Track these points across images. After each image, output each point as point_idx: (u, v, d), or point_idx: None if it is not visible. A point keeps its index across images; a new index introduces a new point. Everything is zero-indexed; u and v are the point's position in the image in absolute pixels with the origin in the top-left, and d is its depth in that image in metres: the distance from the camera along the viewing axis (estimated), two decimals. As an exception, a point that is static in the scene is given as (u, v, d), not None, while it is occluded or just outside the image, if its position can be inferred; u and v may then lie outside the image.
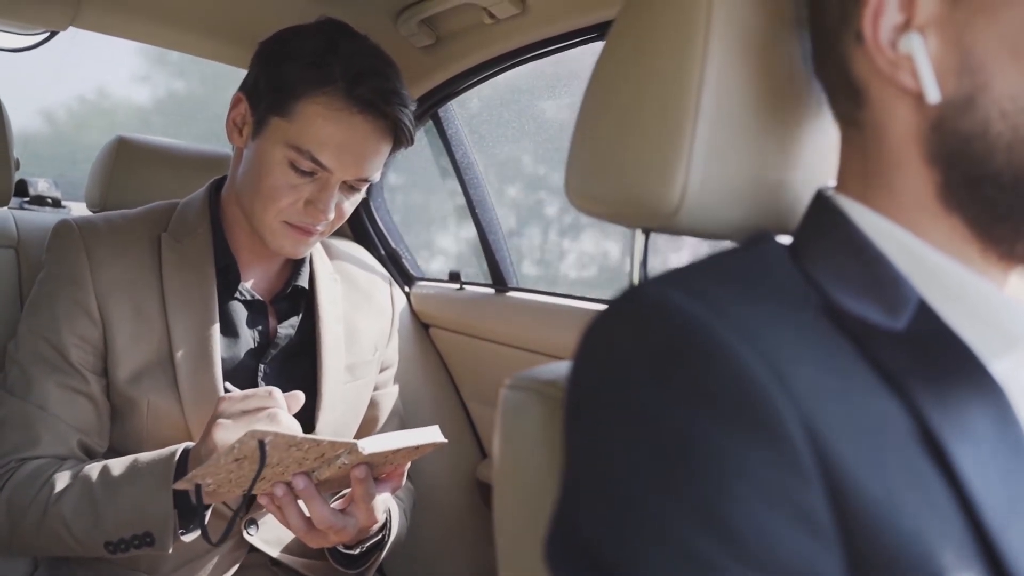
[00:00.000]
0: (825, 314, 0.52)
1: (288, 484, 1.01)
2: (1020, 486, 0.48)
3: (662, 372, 0.48)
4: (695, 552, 0.44)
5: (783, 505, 0.44)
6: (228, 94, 1.22)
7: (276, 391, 1.06)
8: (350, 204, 1.21)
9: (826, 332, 0.51)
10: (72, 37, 1.55)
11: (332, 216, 1.17)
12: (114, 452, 1.17)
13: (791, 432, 0.45)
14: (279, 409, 1.04)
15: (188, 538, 1.06)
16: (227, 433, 1.01)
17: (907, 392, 0.49)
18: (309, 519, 1.03)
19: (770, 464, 0.45)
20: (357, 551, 1.18)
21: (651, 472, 0.46)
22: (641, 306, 0.51)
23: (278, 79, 1.13)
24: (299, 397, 1.09)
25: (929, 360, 0.51)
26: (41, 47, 1.57)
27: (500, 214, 1.67)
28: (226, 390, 1.15)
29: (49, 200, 1.68)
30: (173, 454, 1.06)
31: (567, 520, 0.49)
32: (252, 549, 1.19)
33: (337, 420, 1.26)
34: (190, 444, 1.09)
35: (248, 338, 1.22)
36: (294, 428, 1.03)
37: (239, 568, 1.19)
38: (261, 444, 0.91)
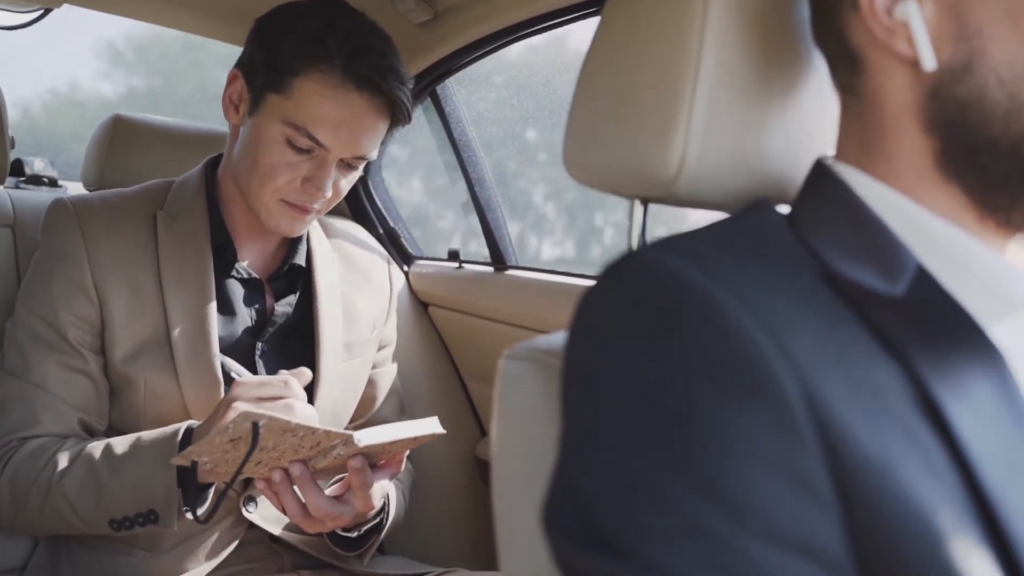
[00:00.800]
0: (824, 281, 0.52)
1: (285, 470, 1.00)
2: (1019, 451, 0.48)
3: (660, 338, 0.47)
4: (695, 519, 0.44)
5: (782, 470, 0.44)
6: (179, 87, 1.22)
7: (292, 380, 1.06)
8: (347, 182, 1.20)
9: (825, 298, 0.51)
10: (44, 32, 1.55)
11: (329, 194, 1.17)
12: (112, 430, 1.17)
13: (790, 398, 0.45)
14: (295, 400, 1.04)
15: (191, 515, 1.06)
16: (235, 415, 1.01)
17: (906, 358, 0.49)
18: (305, 505, 1.03)
19: (769, 429, 0.45)
20: (355, 534, 1.19)
21: (649, 439, 0.46)
22: (638, 272, 0.50)
23: (275, 56, 1.13)
24: (306, 373, 1.09)
25: (928, 326, 0.51)
26: (25, 31, 1.56)
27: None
28: (226, 369, 1.15)
29: (45, 179, 1.67)
30: (176, 432, 1.06)
31: (565, 488, 0.49)
32: (252, 526, 1.20)
33: (335, 399, 1.26)
34: (193, 423, 1.09)
35: (245, 316, 1.22)
36: (311, 419, 1.02)
37: (238, 545, 1.19)
38: (255, 426, 0.90)
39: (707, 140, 0.59)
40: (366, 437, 0.97)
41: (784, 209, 0.60)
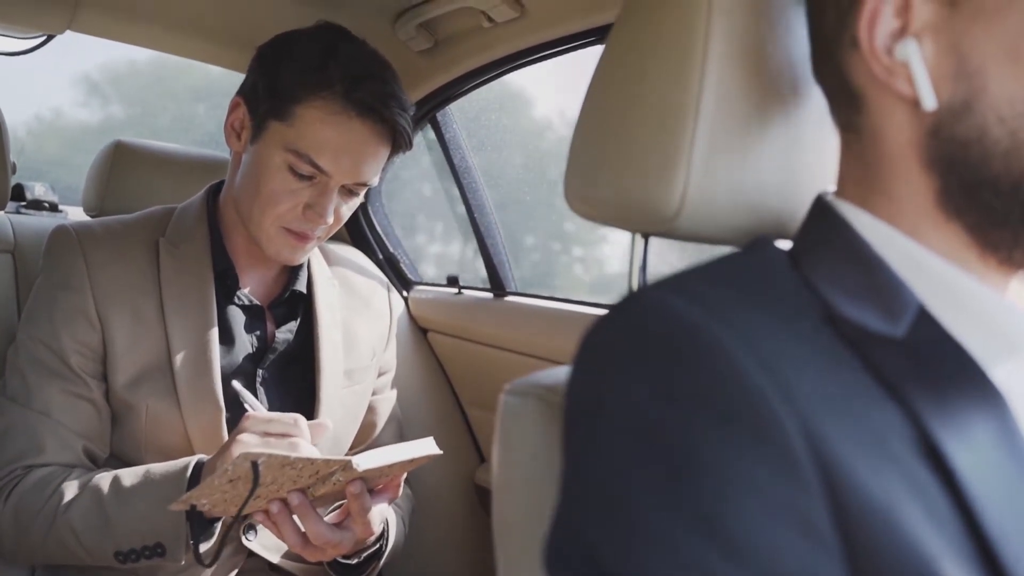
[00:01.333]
0: (825, 321, 0.52)
1: (283, 501, 1.00)
2: (1021, 492, 0.48)
3: (661, 379, 0.47)
4: (696, 560, 0.43)
5: (784, 513, 0.44)
6: (152, 116, 1.24)
7: (301, 419, 1.05)
8: (348, 208, 1.21)
9: (826, 339, 0.51)
10: (28, 61, 1.57)
11: (331, 221, 1.17)
12: (113, 457, 1.17)
13: (791, 439, 0.45)
14: (302, 440, 1.04)
15: (200, 548, 1.05)
16: (245, 450, 1.00)
17: (907, 399, 0.49)
18: (305, 534, 1.03)
19: (771, 472, 0.44)
20: (355, 561, 1.18)
21: (651, 480, 0.46)
22: (640, 311, 0.51)
23: (277, 83, 1.14)
24: (327, 426, 1.08)
25: (929, 367, 0.51)
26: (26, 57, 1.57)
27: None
28: (237, 393, 1.14)
29: (46, 204, 1.67)
30: (186, 467, 1.06)
31: (566, 527, 0.49)
32: (251, 554, 1.19)
33: (336, 425, 1.25)
34: (203, 457, 1.08)
35: (246, 343, 1.22)
36: (311, 454, 1.02)
37: (238, 574, 1.18)
38: (254, 465, 0.90)
39: (708, 175, 0.60)
40: (364, 461, 0.96)
41: (785, 245, 0.60)
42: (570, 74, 1.46)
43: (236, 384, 1.13)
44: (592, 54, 1.32)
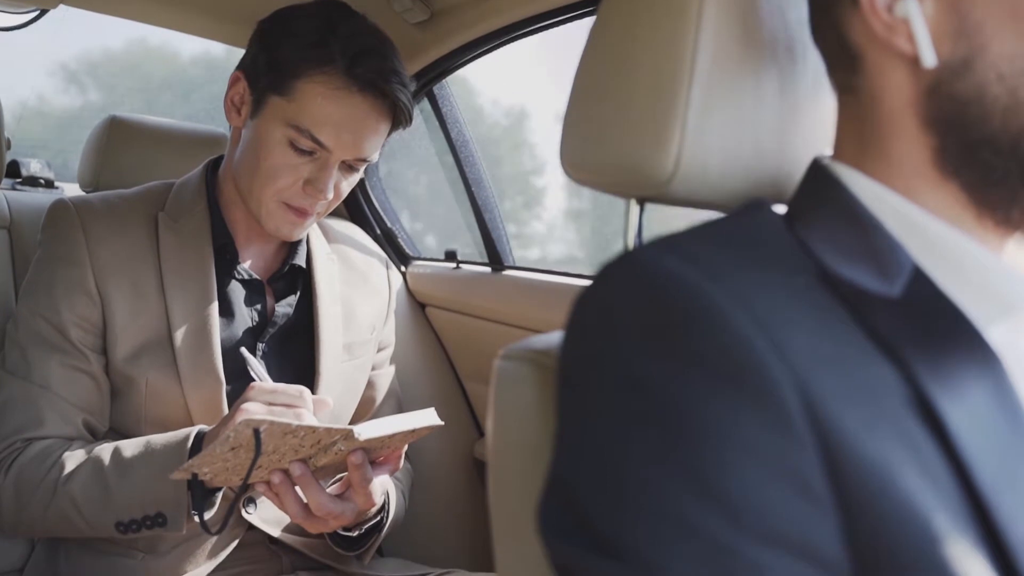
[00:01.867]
0: (820, 281, 0.52)
1: (285, 471, 1.00)
2: (1015, 451, 0.48)
3: (655, 338, 0.47)
4: (690, 519, 0.44)
5: (779, 471, 0.44)
6: (124, 102, 1.23)
7: (306, 391, 1.05)
8: (347, 184, 1.20)
9: (821, 298, 0.51)
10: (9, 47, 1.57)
11: (331, 196, 1.17)
12: (113, 431, 1.17)
13: (786, 397, 0.45)
14: (306, 411, 1.04)
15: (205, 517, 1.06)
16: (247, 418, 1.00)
17: (901, 358, 0.49)
18: (307, 505, 1.03)
19: (765, 430, 0.45)
20: (356, 533, 1.18)
21: (645, 439, 0.46)
22: (634, 271, 0.50)
23: (277, 58, 1.13)
24: (327, 403, 1.08)
25: (924, 326, 0.51)
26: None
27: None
28: (227, 371, 1.14)
29: (42, 181, 1.67)
30: (187, 437, 1.06)
31: (560, 489, 0.49)
32: (251, 527, 1.20)
33: (335, 399, 1.25)
34: (204, 427, 1.09)
35: (246, 317, 1.22)
36: (315, 425, 1.02)
37: (237, 546, 1.19)
38: (256, 432, 0.90)
39: (702, 140, 0.59)
40: (366, 431, 0.97)
41: (781, 209, 0.60)
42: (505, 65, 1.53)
43: (244, 351, 1.13)
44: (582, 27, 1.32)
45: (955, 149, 0.53)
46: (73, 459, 1.08)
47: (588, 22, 0.67)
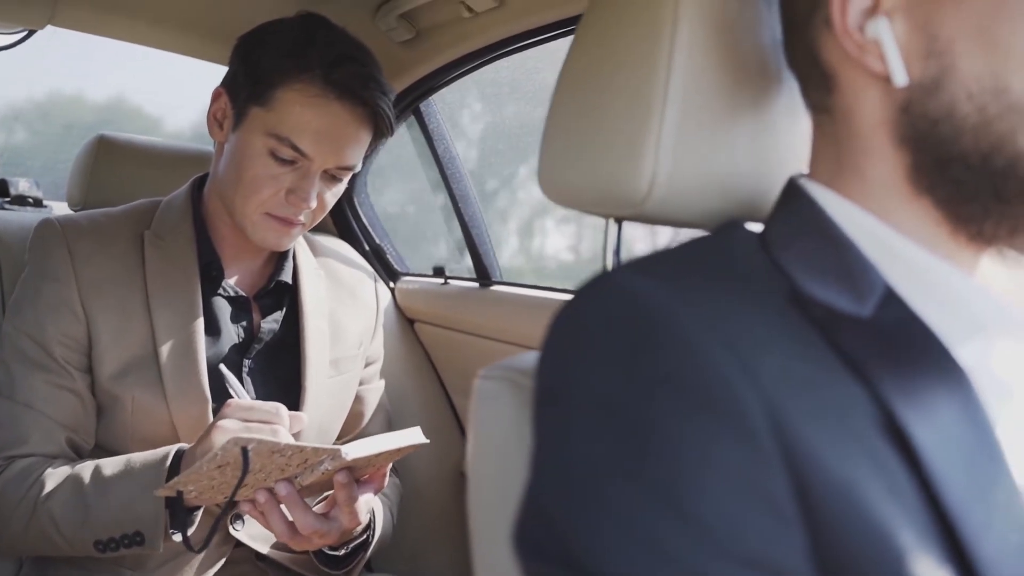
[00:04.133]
0: (792, 301, 0.52)
1: (270, 490, 1.00)
2: (983, 471, 0.48)
3: (626, 360, 0.48)
4: (660, 540, 0.44)
5: (747, 492, 0.45)
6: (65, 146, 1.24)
7: (282, 408, 1.06)
8: (332, 195, 1.21)
9: (792, 319, 0.51)
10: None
11: (314, 205, 1.17)
12: (99, 449, 1.17)
13: (754, 419, 0.46)
14: (282, 427, 1.04)
15: (178, 538, 1.06)
16: (225, 437, 1.00)
17: (871, 378, 0.49)
18: (292, 524, 1.03)
19: (734, 451, 0.45)
20: (342, 552, 1.19)
21: (616, 460, 0.46)
22: (607, 293, 0.51)
23: (256, 70, 1.14)
24: (302, 419, 1.09)
25: (894, 346, 0.51)
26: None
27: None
28: (224, 378, 1.14)
29: (30, 200, 1.67)
30: (167, 455, 1.06)
31: (536, 508, 0.49)
32: (238, 544, 1.19)
33: (322, 415, 1.26)
34: (183, 445, 1.09)
35: (232, 334, 1.22)
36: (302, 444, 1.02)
37: (225, 563, 1.19)
38: (244, 451, 0.90)
39: (677, 159, 0.60)
40: (353, 450, 0.97)
41: (757, 228, 0.60)
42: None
43: (223, 368, 1.13)
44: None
45: (928, 166, 0.54)
46: (54, 477, 1.08)
47: (568, 41, 0.68)
